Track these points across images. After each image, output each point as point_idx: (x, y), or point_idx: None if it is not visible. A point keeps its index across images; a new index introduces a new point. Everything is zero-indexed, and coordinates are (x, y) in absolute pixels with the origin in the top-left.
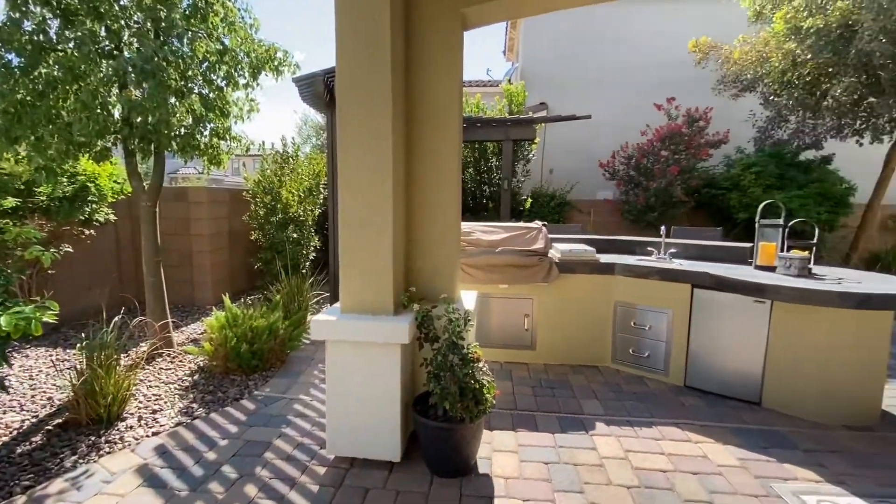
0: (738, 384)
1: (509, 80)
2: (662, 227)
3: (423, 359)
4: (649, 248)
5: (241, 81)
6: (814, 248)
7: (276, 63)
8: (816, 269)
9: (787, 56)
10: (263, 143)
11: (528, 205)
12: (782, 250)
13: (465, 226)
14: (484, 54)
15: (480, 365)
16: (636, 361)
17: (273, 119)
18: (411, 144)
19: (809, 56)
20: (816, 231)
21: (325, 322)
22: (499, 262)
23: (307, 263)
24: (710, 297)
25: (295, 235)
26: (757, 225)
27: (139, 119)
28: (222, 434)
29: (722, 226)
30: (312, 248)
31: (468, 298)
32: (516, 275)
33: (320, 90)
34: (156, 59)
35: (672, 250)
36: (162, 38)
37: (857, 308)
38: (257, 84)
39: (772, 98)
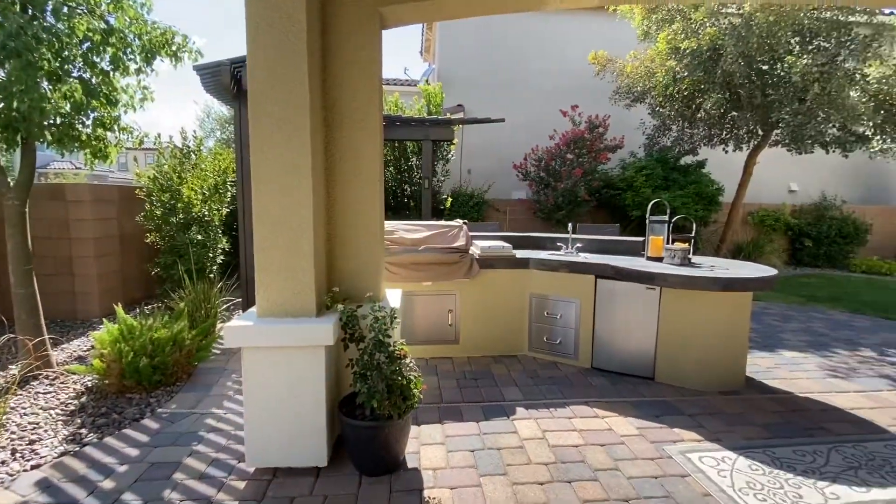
0: (635, 363)
1: (427, 81)
2: (570, 225)
3: (348, 360)
4: (559, 244)
5: (132, 66)
6: (692, 241)
7: (173, 48)
8: (695, 259)
9: (669, 73)
10: (159, 135)
11: (448, 204)
12: (668, 243)
13: (388, 224)
14: (402, 54)
15: (407, 361)
16: (550, 348)
17: (171, 110)
18: (332, 142)
19: (686, 73)
20: (694, 226)
21: (240, 328)
22: (422, 259)
23: (214, 267)
24: (611, 286)
25: (199, 237)
26: (647, 221)
27: (1, 104)
28: (120, 459)
29: (619, 222)
30: (220, 251)
31: (393, 297)
32: (440, 272)
33: (227, 81)
34: (23, 35)
35: (578, 245)
36: (31, 13)
37: (724, 290)
38: (151, 70)
39: (657, 109)
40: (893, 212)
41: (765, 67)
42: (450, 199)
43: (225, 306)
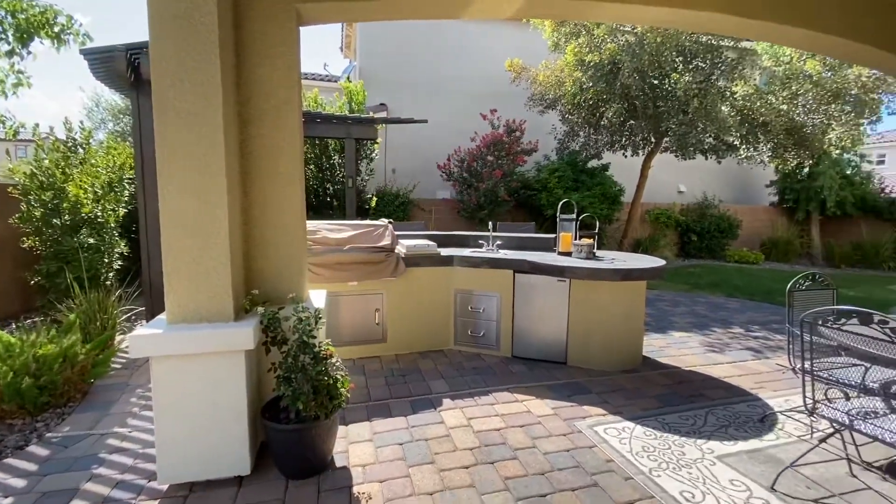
0: (550, 350)
1: (349, 79)
2: (490, 223)
3: (271, 364)
4: (480, 242)
5: (4, 48)
6: (596, 237)
7: (55, 29)
8: (599, 253)
9: (576, 83)
10: (37, 125)
11: (373, 203)
12: (576, 239)
13: (311, 224)
14: (322, 49)
15: (334, 360)
16: (474, 341)
17: (53, 97)
18: (248, 139)
19: (591, 84)
20: (597, 223)
21: (148, 337)
22: (347, 259)
23: (111, 274)
24: (528, 280)
25: (91, 241)
26: (558, 219)
27: None
28: (3, 491)
29: (535, 220)
30: (117, 255)
31: (318, 298)
32: (365, 271)
33: (122, 68)
34: None
35: (498, 242)
36: None
37: (623, 280)
38: (28, 52)
39: (567, 116)
40: (756, 210)
41: (655, 82)
42: (375, 199)
43: (125, 316)
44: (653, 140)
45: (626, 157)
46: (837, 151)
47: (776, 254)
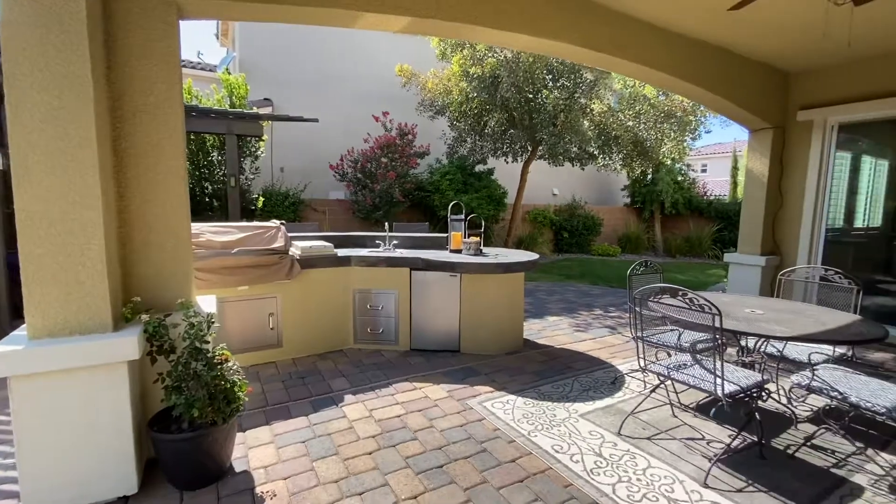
0: (445, 340)
1: (227, 70)
2: (386, 224)
3: (157, 374)
4: (377, 241)
5: None
6: (482, 235)
7: None
8: (486, 250)
9: (462, 93)
10: None
11: (260, 203)
12: (465, 237)
13: (193, 227)
14: (195, 34)
15: (230, 364)
16: (374, 338)
17: None
18: (123, 137)
19: (475, 95)
20: (484, 223)
21: (4, 356)
22: (236, 263)
23: None
24: (423, 276)
25: None
26: (449, 219)
27: None
28: None
29: (429, 221)
30: None
31: (207, 303)
32: (257, 274)
33: None
34: None
35: (395, 242)
36: None
37: (505, 273)
38: None
39: (455, 123)
40: (614, 210)
41: (530, 96)
42: (262, 199)
43: None
44: (529, 148)
45: (507, 162)
46: (670, 161)
47: (630, 247)
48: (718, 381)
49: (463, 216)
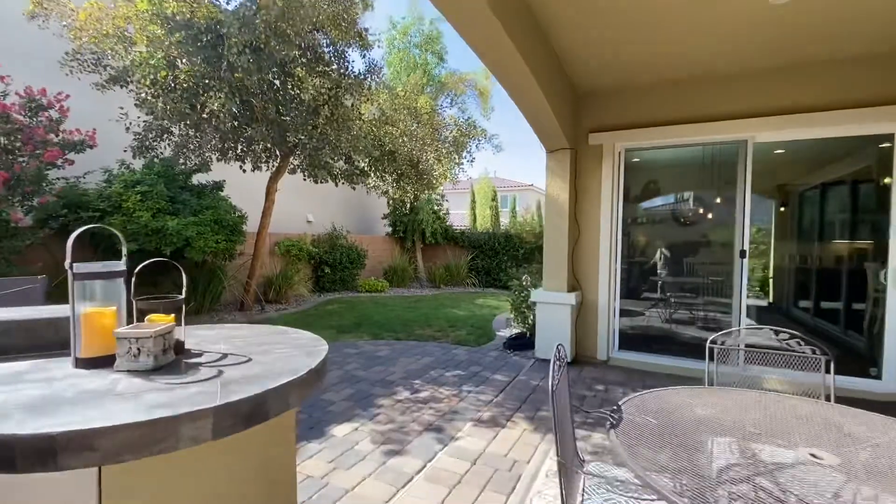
0: None
1: None
2: None
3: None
4: None
5: None
6: (184, 305)
7: None
8: (198, 338)
9: (160, 49)
10: None
11: None
12: (127, 319)
13: None
14: None
15: None
16: None
17: None
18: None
19: (183, 58)
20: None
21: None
22: None
23: None
24: None
25: None
26: (70, 272)
27: None
28: None
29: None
30: None
31: None
32: None
33: None
34: None
35: None
36: None
37: (245, 427)
38: None
39: (147, 98)
40: (377, 240)
41: (276, 82)
42: None
43: None
44: (279, 154)
45: (244, 171)
46: (442, 187)
47: (396, 279)
48: None
49: (124, 260)
